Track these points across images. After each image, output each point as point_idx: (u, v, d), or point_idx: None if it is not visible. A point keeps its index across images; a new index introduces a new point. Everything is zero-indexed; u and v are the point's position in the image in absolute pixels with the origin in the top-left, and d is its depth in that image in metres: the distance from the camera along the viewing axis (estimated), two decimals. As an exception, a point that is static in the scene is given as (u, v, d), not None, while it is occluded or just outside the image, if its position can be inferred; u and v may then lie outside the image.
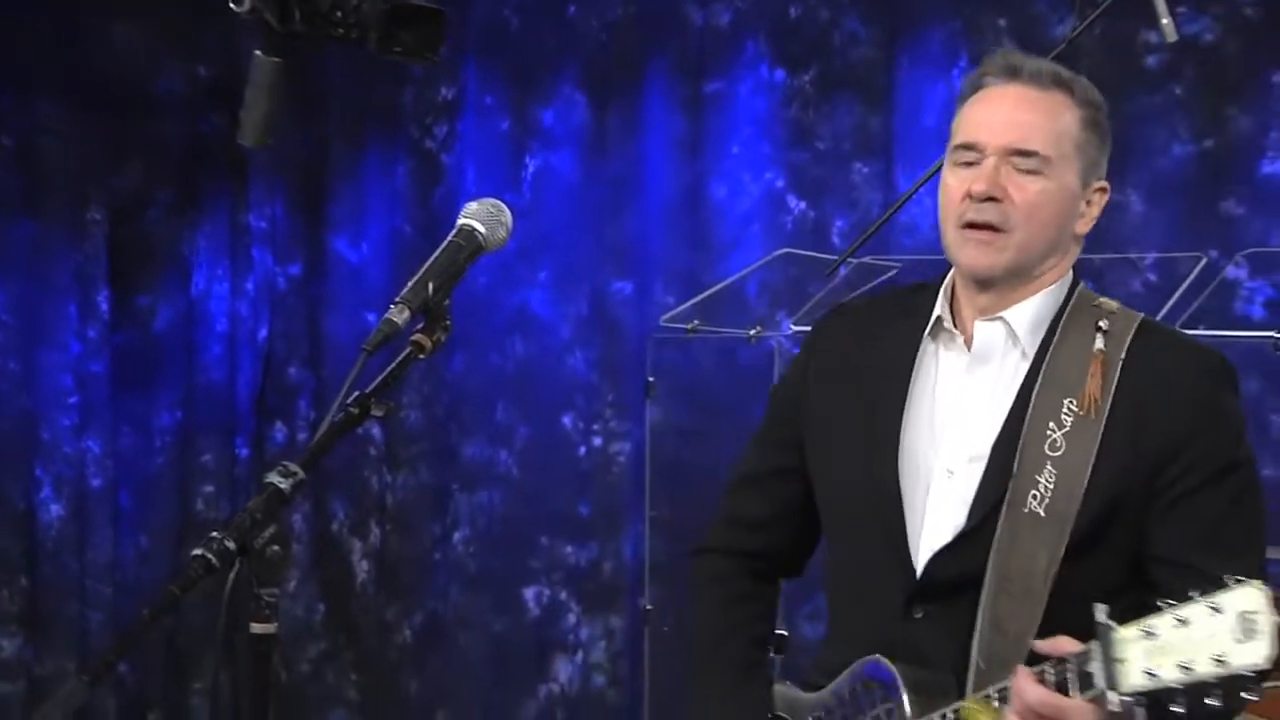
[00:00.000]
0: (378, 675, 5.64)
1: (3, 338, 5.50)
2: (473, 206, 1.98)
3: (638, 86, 5.17)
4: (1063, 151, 2.13)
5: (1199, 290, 3.84)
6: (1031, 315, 2.17)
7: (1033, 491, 2.07)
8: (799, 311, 4.37)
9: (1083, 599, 1.80)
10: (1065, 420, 2.09)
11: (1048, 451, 2.08)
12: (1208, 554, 1.71)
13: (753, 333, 4.53)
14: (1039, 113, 2.14)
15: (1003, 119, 2.14)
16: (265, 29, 1.95)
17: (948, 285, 2.25)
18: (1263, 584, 1.66)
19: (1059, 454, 2.08)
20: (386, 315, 1.84)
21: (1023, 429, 2.11)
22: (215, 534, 1.69)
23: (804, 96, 4.91)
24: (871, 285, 4.29)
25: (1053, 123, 2.14)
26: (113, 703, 5.58)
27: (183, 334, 5.75)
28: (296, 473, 1.74)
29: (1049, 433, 2.09)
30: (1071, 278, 2.23)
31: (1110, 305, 2.19)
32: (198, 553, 1.67)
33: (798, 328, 4.31)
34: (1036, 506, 2.07)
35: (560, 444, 5.30)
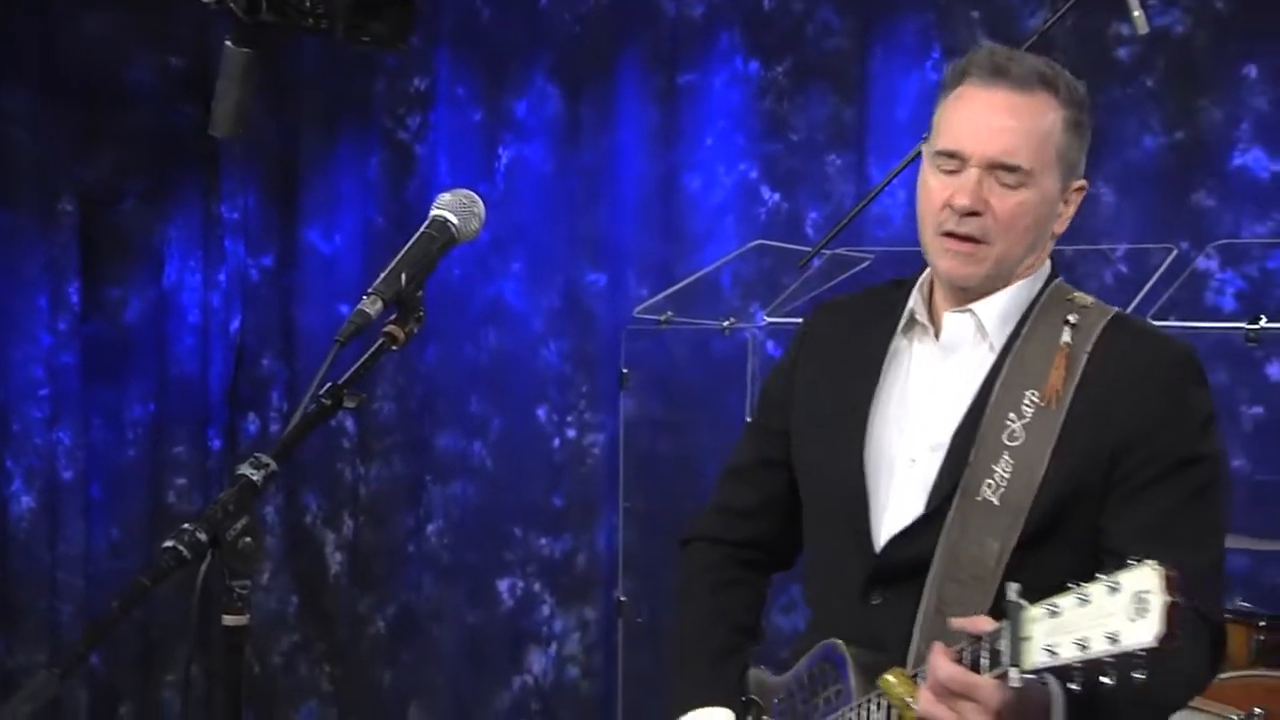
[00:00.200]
0: (351, 667, 5.64)
1: (-28, 329, 5.49)
2: (445, 197, 1.98)
3: (611, 78, 5.17)
4: (1045, 160, 2.13)
5: (1170, 281, 3.86)
6: (1000, 309, 2.19)
7: (988, 480, 2.09)
8: (772, 303, 4.38)
9: (1036, 589, 1.79)
10: (1026, 411, 2.11)
11: (1006, 441, 2.10)
12: (1161, 547, 1.70)
13: (726, 324, 4.55)
14: (1023, 119, 2.13)
15: (987, 127, 2.13)
16: (234, 20, 1.95)
17: (924, 280, 2.27)
18: (1158, 565, 1.66)
19: (1017, 444, 2.09)
20: (359, 306, 1.84)
21: (982, 419, 2.13)
22: (187, 526, 1.69)
23: (777, 88, 4.91)
24: (844, 277, 4.30)
25: (1037, 130, 2.13)
26: (84, 695, 5.56)
27: (154, 325, 5.74)
28: (269, 464, 1.74)
29: (1008, 423, 2.11)
30: (1048, 271, 2.24)
31: (1084, 300, 2.20)
32: (169, 544, 1.67)
33: (771, 319, 4.32)
34: (991, 495, 2.09)
35: (534, 435, 5.30)
